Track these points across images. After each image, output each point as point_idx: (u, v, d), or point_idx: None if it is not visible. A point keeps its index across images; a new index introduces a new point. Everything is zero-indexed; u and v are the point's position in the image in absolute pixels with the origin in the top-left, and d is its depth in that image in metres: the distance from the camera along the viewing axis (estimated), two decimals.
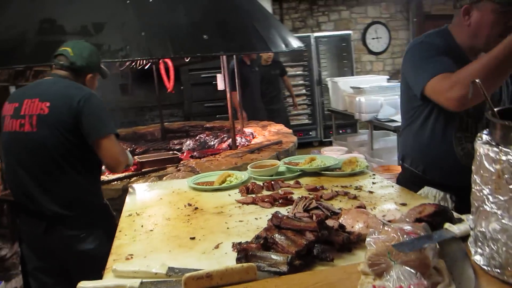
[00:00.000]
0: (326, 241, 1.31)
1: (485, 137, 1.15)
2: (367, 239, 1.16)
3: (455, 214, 1.40)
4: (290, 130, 4.27)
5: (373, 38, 8.85)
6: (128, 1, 2.88)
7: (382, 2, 8.93)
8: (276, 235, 1.29)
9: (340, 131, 7.57)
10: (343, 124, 7.61)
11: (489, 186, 1.09)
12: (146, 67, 4.39)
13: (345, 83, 6.00)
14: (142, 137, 5.09)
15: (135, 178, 2.82)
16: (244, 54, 5.08)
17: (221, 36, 3.04)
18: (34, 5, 2.91)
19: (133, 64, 3.77)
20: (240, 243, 1.31)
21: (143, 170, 3.03)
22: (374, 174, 2.11)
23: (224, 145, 3.90)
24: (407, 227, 1.17)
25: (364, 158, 4.01)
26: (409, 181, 2.00)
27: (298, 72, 7.90)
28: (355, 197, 1.76)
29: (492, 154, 1.07)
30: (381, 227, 1.33)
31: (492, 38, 1.68)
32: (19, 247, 2.35)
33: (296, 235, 1.28)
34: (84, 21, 2.75)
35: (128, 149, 4.20)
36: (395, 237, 1.11)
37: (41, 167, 2.08)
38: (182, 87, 6.67)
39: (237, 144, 3.83)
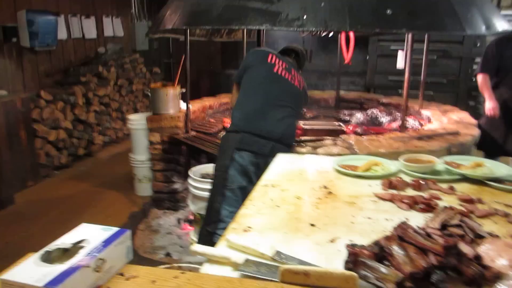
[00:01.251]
0: (455, 269, 1.13)
1: None
2: (498, 285, 0.96)
3: None
4: (474, 121, 3.76)
5: None
6: None
7: None
8: (395, 247, 1.16)
9: None
10: None
11: None
12: (330, 35, 4.32)
13: None
14: (316, 102, 5.12)
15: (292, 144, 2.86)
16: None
17: (408, 11, 2.77)
18: None
19: (314, 32, 3.75)
20: (354, 246, 1.22)
21: (301, 138, 3.05)
22: None
23: (394, 125, 3.66)
24: None
25: None
26: None
27: None
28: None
29: None
30: None
31: None
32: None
33: (418, 254, 1.13)
34: None
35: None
36: None
37: None
38: (367, 57, 6.43)
39: (408, 126, 3.56)
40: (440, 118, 3.80)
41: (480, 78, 4.20)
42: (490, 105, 4.09)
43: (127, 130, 6.09)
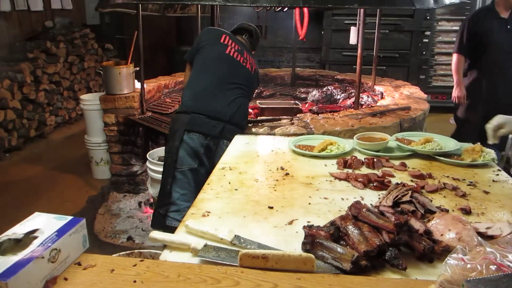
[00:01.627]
0: (407, 245, 1.19)
1: None
2: (447, 258, 1.01)
3: None
4: (425, 95, 3.89)
5: None
6: None
7: None
8: (350, 226, 1.20)
9: None
10: None
11: None
12: (284, 10, 4.30)
13: None
14: (272, 79, 5.13)
15: (249, 125, 2.87)
16: (385, 7, 4.52)
17: None
18: None
19: (268, 7, 3.72)
20: (311, 227, 1.25)
21: (258, 118, 3.06)
22: (499, 170, 1.83)
23: (349, 102, 3.73)
24: (508, 255, 0.99)
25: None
26: None
27: (454, 28, 6.98)
28: (463, 195, 1.55)
29: None
30: (474, 244, 1.17)
31: None
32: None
33: (372, 232, 1.18)
34: None
35: (256, 91, 4.28)
36: (478, 268, 0.95)
37: None
38: (322, 32, 6.46)
39: (362, 103, 3.64)
40: (392, 94, 3.90)
41: (454, 58, 3.92)
42: (456, 93, 3.97)
43: (80, 111, 5.88)
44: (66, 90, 6.44)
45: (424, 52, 6.52)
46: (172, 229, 1.43)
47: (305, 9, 4.14)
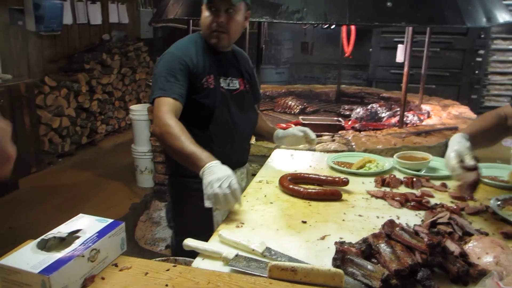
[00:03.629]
0: (441, 266, 1.16)
1: None
2: (481, 281, 0.99)
3: None
4: (474, 116, 3.77)
5: None
6: None
7: None
8: (383, 245, 1.19)
9: None
10: None
11: None
12: (332, 27, 4.32)
13: None
14: (317, 96, 5.12)
15: None
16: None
17: (408, 4, 2.77)
18: None
19: (315, 24, 3.75)
20: (342, 243, 1.25)
21: None
22: None
23: (394, 120, 3.67)
24: None
25: None
26: None
27: (511, 47, 6.77)
28: (503, 219, 1.49)
29: None
30: None
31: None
32: None
33: (405, 251, 1.16)
34: None
35: (300, 106, 4.30)
36: None
37: None
38: (370, 49, 6.41)
39: (407, 122, 3.57)
40: (439, 113, 3.80)
41: None
42: None
43: (129, 120, 6.11)
44: (118, 100, 6.73)
45: (477, 71, 6.31)
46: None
47: (352, 27, 4.14)
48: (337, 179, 1.73)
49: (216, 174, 1.46)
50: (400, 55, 3.91)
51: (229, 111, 1.90)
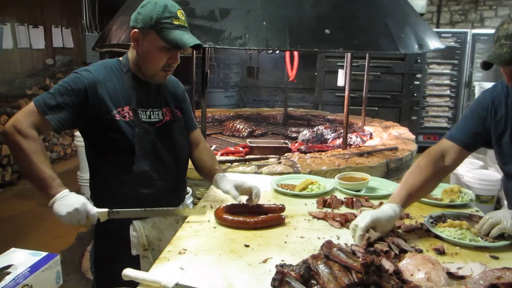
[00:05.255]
0: (377, 284, 1.20)
1: None
2: None
3: None
4: (413, 136, 3.96)
5: None
6: None
7: None
8: (321, 266, 1.22)
9: None
10: None
11: None
12: (277, 52, 4.44)
13: None
14: (265, 119, 5.21)
15: (236, 164, 2.91)
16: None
17: (345, 31, 2.91)
18: None
19: (260, 50, 3.85)
20: (283, 266, 1.27)
21: (247, 156, 3.11)
22: (477, 211, 1.86)
23: (338, 142, 3.78)
24: None
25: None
26: None
27: (445, 71, 7.22)
28: (436, 236, 1.56)
29: None
30: (442, 285, 1.19)
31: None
32: None
33: (342, 271, 1.20)
34: (214, 6, 2.86)
35: (248, 129, 4.34)
36: None
37: None
38: (316, 73, 6.61)
39: (351, 143, 3.70)
40: (381, 134, 3.97)
41: None
42: None
43: (75, 147, 5.93)
44: None
45: (415, 94, 6.65)
46: None
47: (295, 52, 4.27)
48: (273, 206, 1.73)
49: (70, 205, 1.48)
50: (341, 79, 4.06)
51: (154, 147, 1.70)
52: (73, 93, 1.59)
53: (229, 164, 2.90)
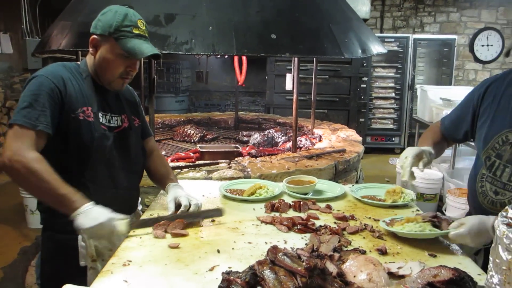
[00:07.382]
0: (321, 287, 1.22)
1: (510, 212, 0.98)
2: None
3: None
4: (360, 138, 4.07)
5: (483, 46, 8.09)
6: None
7: (501, 7, 8.09)
8: (267, 271, 1.22)
9: None
10: None
11: (499, 276, 0.93)
12: (225, 56, 4.44)
13: (435, 92, 5.55)
14: (216, 123, 5.19)
15: (186, 170, 2.88)
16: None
17: (291, 36, 2.95)
18: None
19: (207, 54, 3.84)
20: (229, 273, 1.26)
21: (197, 162, 3.08)
22: (418, 210, 1.93)
23: (288, 145, 3.82)
24: None
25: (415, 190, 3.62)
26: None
27: (389, 74, 7.48)
28: (379, 236, 1.61)
29: (506, 241, 0.91)
30: (382, 285, 1.22)
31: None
32: None
33: (287, 276, 1.21)
34: (158, 11, 2.82)
35: (199, 134, 4.31)
36: None
37: None
38: (266, 77, 6.67)
39: (301, 146, 3.75)
40: (329, 137, 4.05)
41: None
42: None
43: None
44: (3, 136, 6.21)
45: (362, 97, 6.86)
46: None
47: (243, 57, 4.28)
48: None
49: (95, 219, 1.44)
50: (289, 83, 4.12)
51: (110, 152, 1.70)
52: (46, 94, 1.56)
53: (179, 170, 2.86)
